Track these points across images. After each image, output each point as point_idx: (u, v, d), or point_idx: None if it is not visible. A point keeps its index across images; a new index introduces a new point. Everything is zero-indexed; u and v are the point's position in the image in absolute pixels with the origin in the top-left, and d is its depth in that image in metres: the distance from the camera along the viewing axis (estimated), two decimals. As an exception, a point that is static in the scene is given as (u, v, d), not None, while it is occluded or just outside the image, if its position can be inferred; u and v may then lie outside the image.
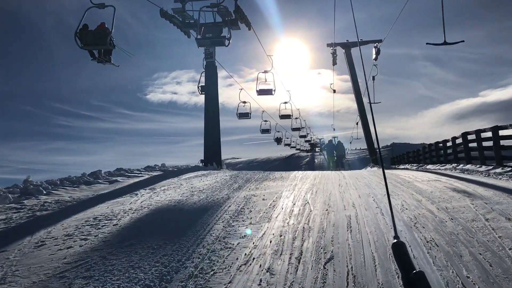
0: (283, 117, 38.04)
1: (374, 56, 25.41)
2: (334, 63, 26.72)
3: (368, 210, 6.10)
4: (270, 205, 6.88)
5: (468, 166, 12.24)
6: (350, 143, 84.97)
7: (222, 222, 5.83)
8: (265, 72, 27.10)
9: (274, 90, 27.05)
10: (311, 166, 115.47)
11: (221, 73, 27.65)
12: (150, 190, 9.51)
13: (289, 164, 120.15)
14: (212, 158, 20.19)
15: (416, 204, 6.40)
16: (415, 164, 18.93)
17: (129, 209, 6.91)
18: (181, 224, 5.86)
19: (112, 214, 6.55)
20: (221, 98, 31.81)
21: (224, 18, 20.56)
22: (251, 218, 5.94)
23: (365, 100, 25.81)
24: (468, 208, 5.75)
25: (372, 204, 6.50)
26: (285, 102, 37.40)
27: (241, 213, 6.37)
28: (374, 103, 20.33)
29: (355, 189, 8.40)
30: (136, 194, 8.78)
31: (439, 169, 13.68)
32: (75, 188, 9.74)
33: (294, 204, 6.88)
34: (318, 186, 9.05)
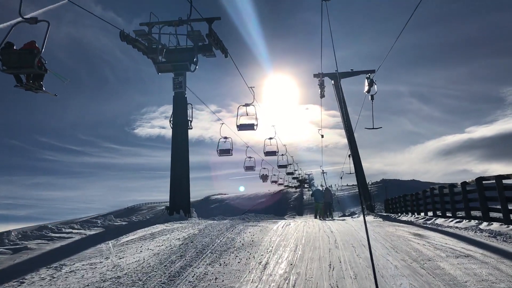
0: (268, 153, 35.26)
1: (366, 88, 23.05)
2: (322, 95, 24.29)
3: None
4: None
5: (499, 227, 9.34)
6: (341, 178, 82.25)
7: None
8: (246, 105, 24.53)
9: (256, 125, 24.49)
10: (299, 203, 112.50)
11: (211, 108, 24.94)
12: (54, 270, 6.44)
13: (277, 202, 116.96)
14: (179, 205, 17.09)
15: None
16: (416, 215, 15.92)
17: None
18: None
19: None
20: (210, 133, 29.01)
21: (197, 43, 18.11)
22: None
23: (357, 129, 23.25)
24: None
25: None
26: (270, 138, 34.77)
27: None
28: (374, 128, 17.81)
29: (354, 277, 5.45)
30: (22, 283, 5.72)
31: (457, 227, 10.78)
32: None
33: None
34: (299, 268, 6.07)
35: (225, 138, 29.62)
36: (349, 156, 23.90)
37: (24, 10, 10.02)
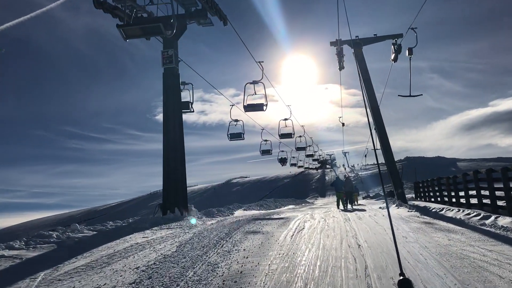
0: (284, 136, 32.23)
1: (392, 55, 19.64)
2: (341, 67, 20.94)
3: None
4: None
5: None
6: (365, 156, 78.62)
7: None
8: (254, 82, 21.50)
9: (266, 105, 21.47)
10: (322, 184, 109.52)
11: (228, 92, 22.30)
12: None
13: (299, 184, 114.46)
14: (173, 202, 14.41)
15: None
16: (463, 210, 12.58)
17: None
18: None
19: None
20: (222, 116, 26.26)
21: (189, 8, 15.12)
22: None
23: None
24: None
25: None
26: (285, 119, 31.63)
27: None
28: (412, 96, 14.43)
29: None
30: None
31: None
32: None
33: None
34: None
35: (236, 121, 26.87)
36: (374, 129, 20.59)
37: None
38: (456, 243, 7.25)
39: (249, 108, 21.72)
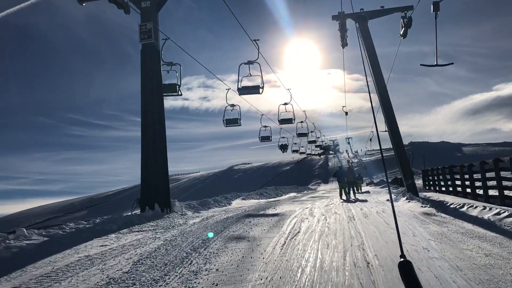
0: (284, 121, 30.36)
1: (402, 30, 17.61)
2: (344, 43, 18.87)
3: None
4: None
5: None
6: (370, 140, 76.74)
7: None
8: (249, 63, 19.61)
9: (262, 87, 19.66)
10: (325, 170, 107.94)
11: (230, 78, 20.45)
12: None
13: (301, 170, 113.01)
14: (152, 197, 12.65)
15: None
16: (487, 207, 10.71)
17: None
18: None
19: None
20: (232, 102, 24.99)
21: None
22: None
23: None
24: None
25: None
26: (285, 103, 29.70)
27: None
28: (440, 65, 12.15)
29: None
30: None
31: None
32: None
33: None
34: None
35: (232, 106, 25.07)
36: (383, 112, 18.65)
37: None
38: (498, 261, 5.44)
39: (244, 90, 19.95)
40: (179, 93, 18.02)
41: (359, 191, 31.57)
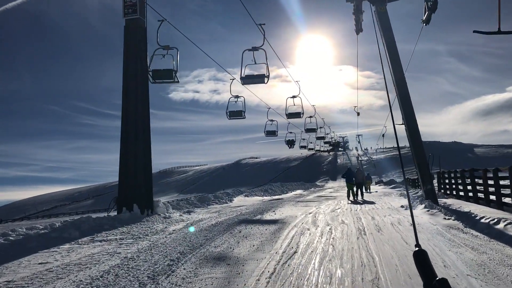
0: (292, 115, 28.54)
1: (425, 15, 15.61)
2: (358, 29, 16.92)
3: None
4: None
5: None
6: (383, 135, 74.66)
7: None
8: (254, 49, 17.79)
9: (267, 77, 17.89)
10: (333, 167, 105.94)
11: (239, 71, 18.91)
12: None
13: (309, 166, 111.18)
14: (131, 196, 10.96)
15: None
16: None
17: None
18: None
19: None
20: (243, 95, 23.36)
21: None
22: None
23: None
24: None
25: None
26: (294, 96, 27.84)
27: None
28: (502, 32, 9.51)
29: None
30: None
31: None
32: None
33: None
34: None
35: (237, 97, 23.24)
36: (400, 107, 16.82)
37: None
38: None
39: (248, 79, 18.28)
40: (176, 79, 16.31)
41: (368, 190, 30.70)
